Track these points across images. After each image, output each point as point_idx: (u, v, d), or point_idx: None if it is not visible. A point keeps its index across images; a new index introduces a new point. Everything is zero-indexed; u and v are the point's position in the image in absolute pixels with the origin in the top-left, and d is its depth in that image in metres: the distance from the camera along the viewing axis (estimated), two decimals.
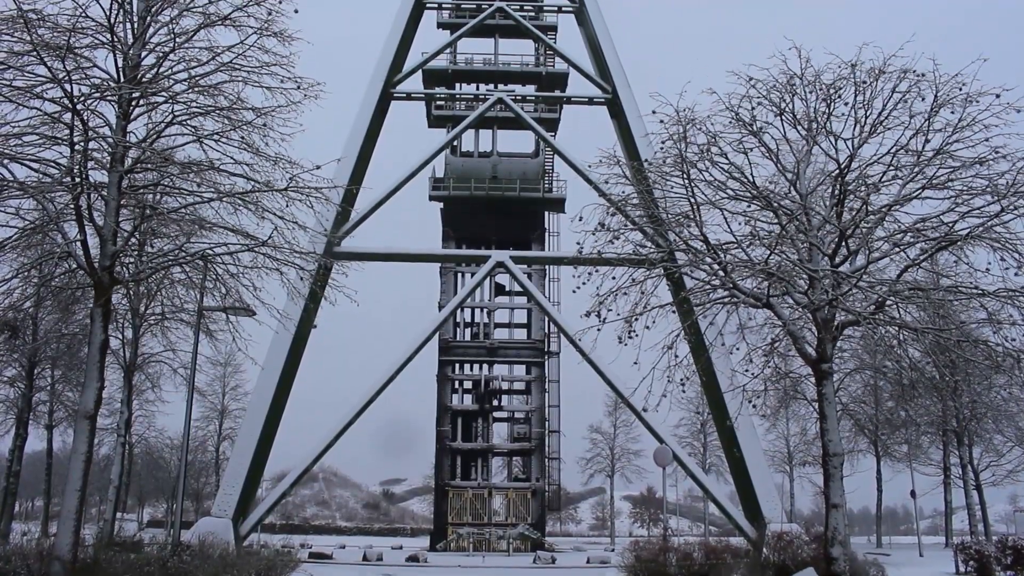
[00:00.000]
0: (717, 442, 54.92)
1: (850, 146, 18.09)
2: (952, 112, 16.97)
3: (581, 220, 18.49)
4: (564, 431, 54.21)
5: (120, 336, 32.46)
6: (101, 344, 18.03)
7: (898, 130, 17.76)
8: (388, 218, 48.94)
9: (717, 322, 19.73)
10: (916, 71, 17.24)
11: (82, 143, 17.74)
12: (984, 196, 16.74)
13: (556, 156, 49.45)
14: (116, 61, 18.41)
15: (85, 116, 17.76)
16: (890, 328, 18.34)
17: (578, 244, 18.67)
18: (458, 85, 55.78)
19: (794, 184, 18.61)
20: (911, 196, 17.58)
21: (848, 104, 18.02)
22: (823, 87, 18.19)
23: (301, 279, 20.99)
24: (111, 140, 18.03)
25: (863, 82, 17.72)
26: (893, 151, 17.74)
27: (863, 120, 17.95)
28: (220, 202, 19.15)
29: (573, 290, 19.15)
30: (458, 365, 55.22)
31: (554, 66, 53.90)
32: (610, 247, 18.67)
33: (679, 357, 18.19)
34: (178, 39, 18.84)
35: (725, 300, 18.90)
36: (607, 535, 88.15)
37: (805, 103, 18.53)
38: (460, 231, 54.99)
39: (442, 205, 54.62)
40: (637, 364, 17.65)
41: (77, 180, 17.76)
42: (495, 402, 57.11)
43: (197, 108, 18.90)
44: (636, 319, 18.07)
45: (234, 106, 18.88)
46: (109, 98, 18.25)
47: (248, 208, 18.95)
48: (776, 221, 18.41)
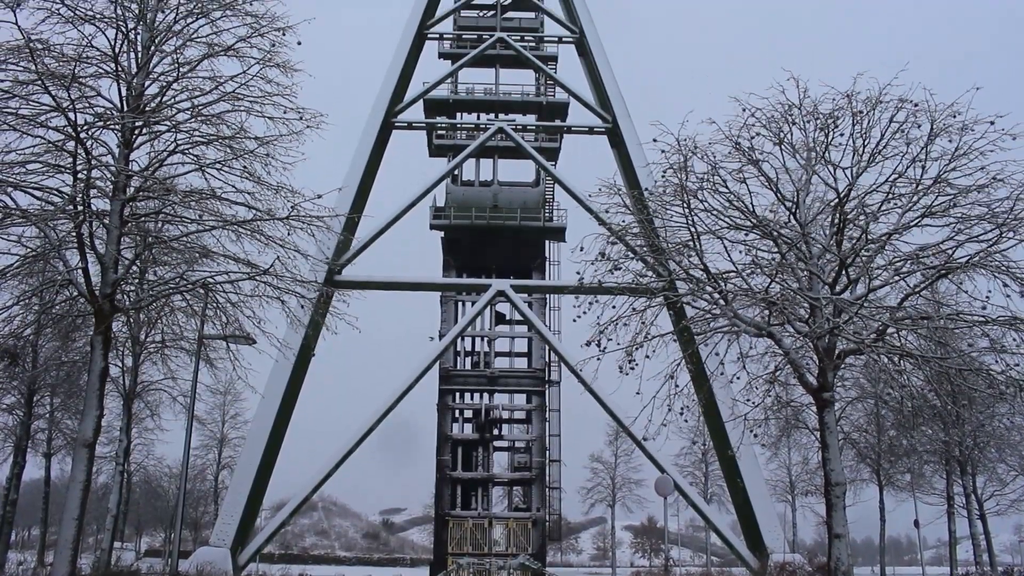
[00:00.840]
0: (719, 471, 54.56)
1: (849, 175, 18.16)
2: (949, 141, 17.08)
3: (583, 251, 18.54)
4: (565, 460, 53.91)
5: (120, 364, 32.41)
6: (101, 372, 18.02)
7: (896, 159, 17.85)
8: (389, 247, 49.11)
9: (718, 351, 19.70)
10: (912, 100, 17.37)
11: (85, 171, 17.85)
12: (983, 223, 16.79)
13: (557, 185, 49.63)
14: (120, 90, 18.59)
15: (88, 144, 17.90)
16: (891, 356, 18.31)
17: (578, 274, 18.69)
18: (459, 114, 56.08)
19: (794, 213, 18.66)
20: (910, 224, 17.63)
21: (846, 134, 18.14)
22: (821, 117, 18.30)
23: (302, 307, 21.03)
24: (114, 168, 18.14)
25: (860, 112, 17.83)
26: (892, 179, 17.81)
27: (861, 149, 18.05)
28: (222, 230, 19.23)
29: (574, 319, 19.15)
30: (458, 394, 55.04)
31: (554, 96, 54.24)
32: (610, 276, 18.69)
33: (680, 386, 18.16)
34: (182, 69, 19.04)
35: (726, 329, 18.88)
36: (608, 565, 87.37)
37: (803, 133, 18.64)
38: (461, 260, 55.05)
39: (443, 234, 54.74)
40: (639, 394, 17.62)
41: (79, 208, 17.83)
42: (495, 431, 56.84)
43: (199, 137, 19.04)
44: (637, 349, 18.05)
45: (236, 135, 19.02)
46: (112, 127, 18.39)
47: (250, 237, 19.02)
48: (776, 250, 18.45)
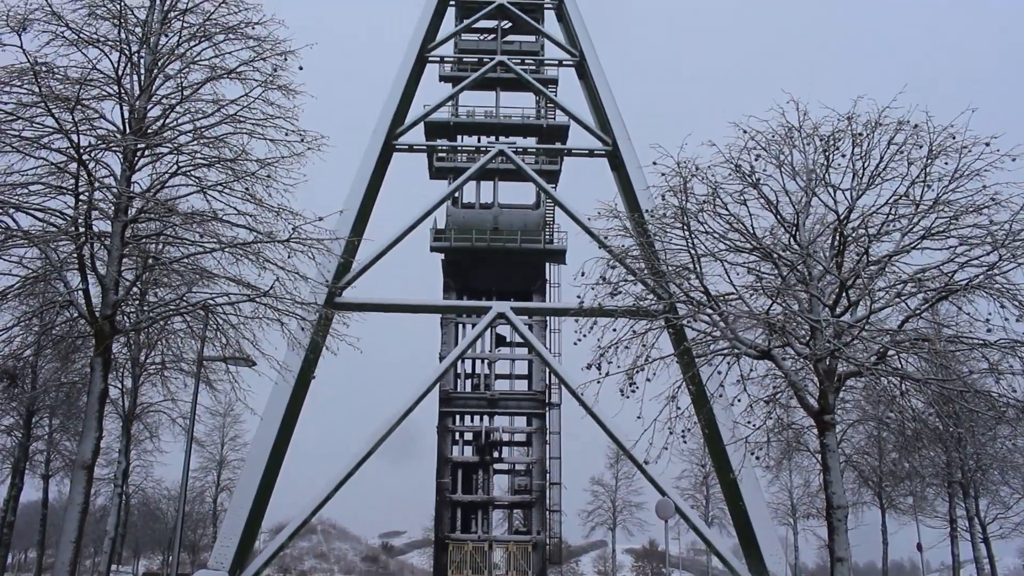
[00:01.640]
0: (720, 494, 54.33)
1: (849, 197, 18.22)
2: (947, 163, 17.16)
3: (584, 275, 18.56)
4: (565, 483, 53.62)
5: (119, 385, 32.36)
6: (100, 393, 18.00)
7: (896, 181, 17.92)
8: (389, 269, 49.14)
9: (719, 373, 19.67)
10: (910, 122, 17.46)
11: (87, 193, 17.90)
12: (983, 246, 16.82)
13: (557, 207, 49.73)
14: (123, 113, 18.69)
15: (91, 166, 17.96)
16: (892, 379, 18.28)
17: (579, 297, 18.69)
18: (460, 137, 56.29)
19: (794, 235, 18.70)
20: (910, 246, 17.66)
21: (846, 156, 18.22)
22: (821, 139, 18.39)
23: (302, 329, 21.02)
24: (115, 190, 18.20)
25: (860, 134, 17.92)
26: (892, 201, 17.86)
27: (861, 171, 18.12)
28: (222, 252, 19.26)
29: (574, 342, 19.13)
30: (458, 416, 54.87)
31: (555, 119, 54.44)
32: (611, 300, 18.69)
33: (681, 409, 18.13)
34: (184, 92, 19.14)
35: (726, 351, 18.86)
36: None
37: (803, 155, 18.72)
38: (461, 282, 55.05)
39: (443, 256, 54.78)
40: (640, 418, 17.58)
41: (81, 230, 17.87)
42: (496, 454, 56.62)
43: (201, 159, 19.12)
44: (638, 372, 18.02)
45: (238, 158, 19.09)
46: (115, 149, 18.47)
47: (250, 259, 19.05)
48: (776, 272, 18.47)
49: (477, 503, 53.57)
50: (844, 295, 17.88)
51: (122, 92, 18.62)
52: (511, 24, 55.49)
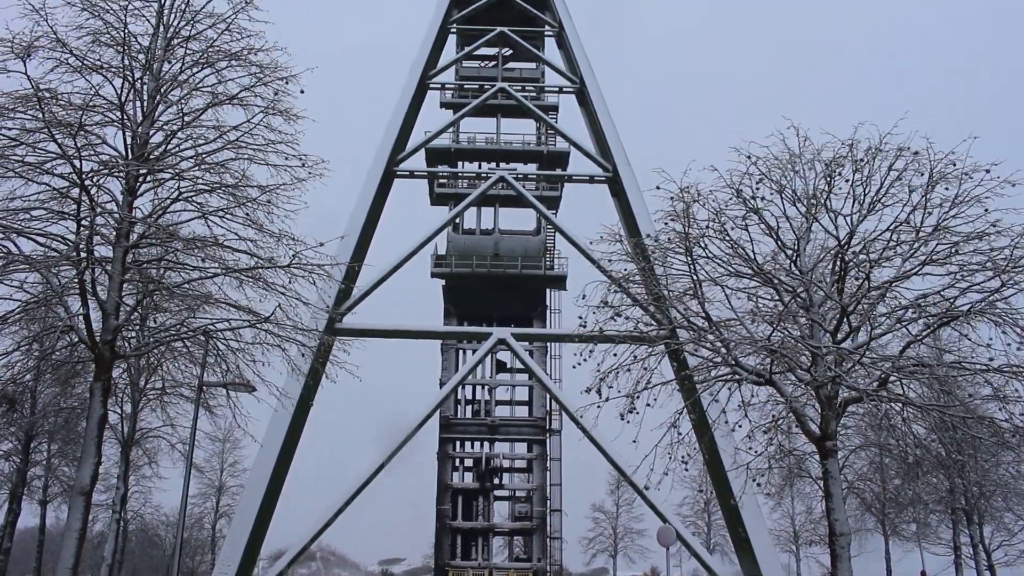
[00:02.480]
0: (721, 521, 53.94)
1: (850, 222, 18.25)
2: (947, 188, 17.20)
3: (584, 298, 18.57)
4: (566, 510, 53.31)
5: (119, 410, 32.25)
6: (100, 419, 17.93)
7: (897, 207, 17.96)
8: (390, 295, 49.16)
9: (720, 399, 19.61)
10: (911, 148, 17.53)
11: (89, 218, 17.93)
12: (984, 272, 16.82)
13: (557, 234, 49.83)
14: (125, 138, 18.77)
15: (93, 192, 18.01)
16: (894, 405, 18.21)
17: (580, 319, 18.69)
18: (460, 163, 56.52)
19: (795, 261, 18.71)
20: (911, 272, 17.66)
21: (849, 180, 18.27)
22: (823, 165, 18.45)
23: (303, 355, 20.97)
24: (117, 215, 18.24)
25: (861, 160, 17.99)
26: (893, 227, 17.89)
27: (862, 197, 18.16)
28: (223, 278, 19.26)
29: (573, 366, 19.09)
30: (459, 443, 54.65)
31: (555, 145, 54.66)
32: (612, 324, 18.67)
33: (682, 434, 18.05)
34: (186, 118, 19.24)
35: (727, 377, 18.81)
36: None
37: (804, 181, 18.78)
38: (462, 308, 55.02)
39: (444, 282, 54.80)
40: (636, 442, 17.50)
41: (82, 255, 17.89)
42: (496, 480, 56.32)
43: (203, 185, 19.18)
44: (638, 396, 17.98)
45: (239, 183, 19.14)
46: (117, 174, 18.54)
47: (251, 284, 19.05)
48: (778, 298, 18.46)
49: (477, 530, 53.22)
50: (845, 321, 17.86)
51: (125, 118, 18.71)
52: (512, 51, 55.90)
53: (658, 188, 18.63)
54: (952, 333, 18.75)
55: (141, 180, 18.94)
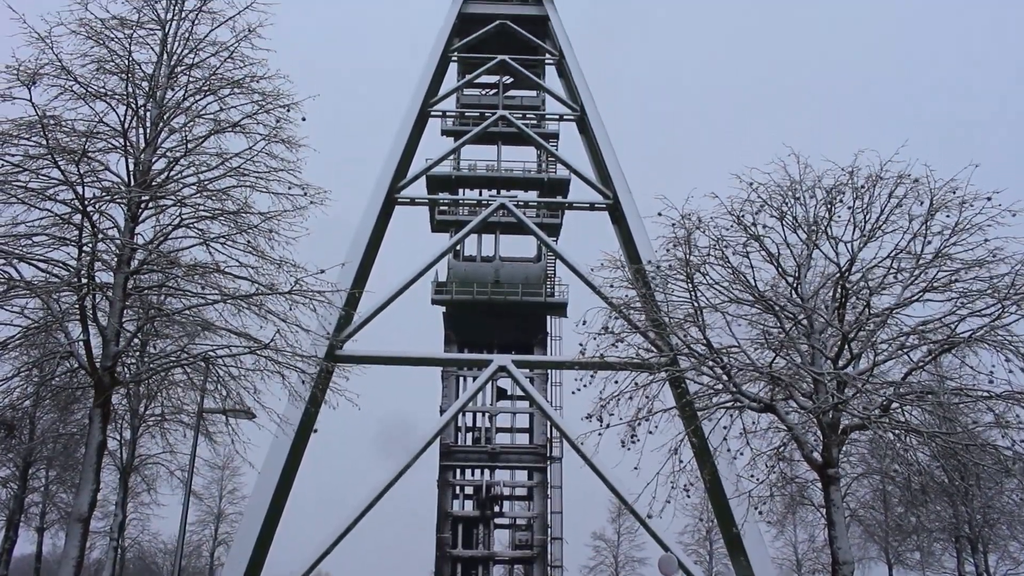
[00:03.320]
0: (724, 550, 53.52)
1: (850, 249, 18.29)
2: (948, 216, 17.24)
3: (585, 324, 18.57)
4: (567, 538, 52.92)
5: (118, 437, 32.11)
6: (99, 445, 17.86)
7: (897, 234, 18.00)
8: (390, 322, 49.12)
9: (721, 426, 19.54)
10: (911, 176, 17.61)
11: (90, 244, 17.97)
12: (985, 298, 16.83)
13: (558, 260, 49.90)
14: (128, 165, 18.86)
15: (95, 218, 18.07)
16: (897, 432, 18.14)
17: (580, 345, 18.67)
18: (461, 190, 56.71)
19: (795, 288, 18.73)
20: (912, 299, 17.67)
21: (848, 208, 18.33)
22: (824, 192, 18.52)
23: (303, 382, 20.92)
24: (119, 242, 18.28)
25: (861, 187, 18.06)
26: (893, 254, 17.92)
27: (863, 224, 18.21)
28: (224, 304, 19.27)
29: (572, 392, 19.05)
30: (459, 470, 54.40)
31: (556, 172, 54.86)
32: (613, 350, 18.65)
33: (683, 462, 17.96)
34: (189, 145, 19.34)
35: (729, 404, 18.75)
36: None
37: (805, 208, 18.83)
38: (462, 335, 54.97)
39: (444, 309, 54.79)
40: (637, 469, 17.43)
41: (83, 281, 17.91)
42: (496, 508, 55.99)
43: (205, 212, 19.24)
44: (639, 424, 17.92)
45: (241, 210, 19.20)
46: (119, 201, 18.60)
47: (252, 311, 19.05)
48: (778, 325, 18.46)
49: (478, 558, 52.85)
50: (847, 347, 17.84)
51: (128, 145, 18.81)
52: (512, 79, 56.26)
53: (660, 215, 18.71)
54: (953, 360, 18.71)
55: (143, 206, 18.99)
